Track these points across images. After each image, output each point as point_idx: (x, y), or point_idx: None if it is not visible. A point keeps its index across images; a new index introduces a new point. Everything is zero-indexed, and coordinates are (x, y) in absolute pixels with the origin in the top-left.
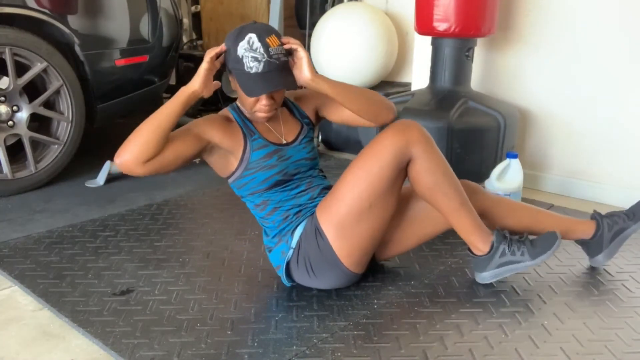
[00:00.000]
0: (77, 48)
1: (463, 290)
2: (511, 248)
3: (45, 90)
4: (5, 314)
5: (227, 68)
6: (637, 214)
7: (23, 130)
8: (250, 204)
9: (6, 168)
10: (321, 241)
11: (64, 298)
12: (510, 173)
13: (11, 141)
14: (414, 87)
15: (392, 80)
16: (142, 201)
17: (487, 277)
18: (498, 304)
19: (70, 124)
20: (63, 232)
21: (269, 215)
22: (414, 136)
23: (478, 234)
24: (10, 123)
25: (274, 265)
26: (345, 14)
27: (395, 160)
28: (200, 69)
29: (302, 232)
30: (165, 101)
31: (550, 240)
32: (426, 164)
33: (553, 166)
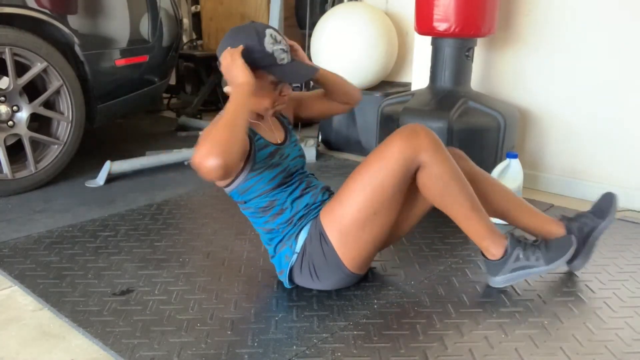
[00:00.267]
0: (77, 48)
1: (463, 290)
2: (526, 253)
3: (45, 90)
4: (5, 314)
5: (253, 66)
6: (605, 210)
7: (23, 130)
8: (252, 210)
9: (6, 168)
10: (326, 246)
11: (64, 298)
12: (510, 173)
13: (11, 141)
14: (414, 87)
15: (392, 80)
16: (142, 201)
17: (501, 282)
18: (498, 304)
19: (70, 124)
20: (63, 232)
21: (274, 219)
22: (423, 143)
23: (491, 239)
24: (10, 123)
25: (277, 269)
26: (345, 14)
27: (402, 168)
28: (238, 64)
29: (307, 237)
30: (165, 101)
31: (565, 245)
32: (435, 170)
33: (553, 166)
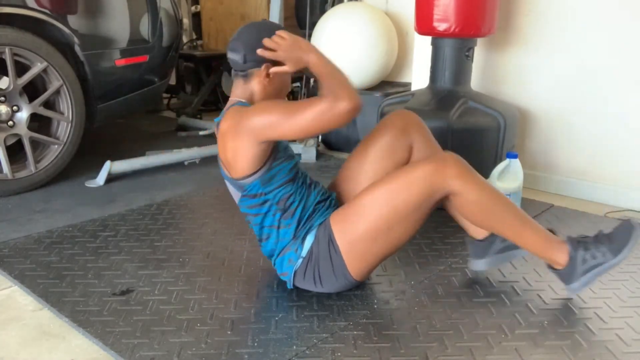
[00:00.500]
0: (77, 48)
1: (463, 290)
2: (591, 252)
3: (45, 90)
4: (5, 314)
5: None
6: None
7: (23, 130)
8: (269, 204)
9: (6, 168)
10: (334, 254)
11: (64, 298)
12: (510, 173)
13: (11, 141)
14: (414, 87)
15: (392, 80)
16: (142, 201)
17: (578, 287)
18: (498, 304)
19: (70, 124)
20: (63, 232)
21: (290, 216)
22: (452, 172)
23: (551, 250)
24: (10, 123)
25: (279, 271)
26: (345, 14)
27: (426, 193)
28: (299, 38)
29: (314, 242)
30: (165, 101)
31: (627, 231)
32: (471, 197)
33: (553, 166)
